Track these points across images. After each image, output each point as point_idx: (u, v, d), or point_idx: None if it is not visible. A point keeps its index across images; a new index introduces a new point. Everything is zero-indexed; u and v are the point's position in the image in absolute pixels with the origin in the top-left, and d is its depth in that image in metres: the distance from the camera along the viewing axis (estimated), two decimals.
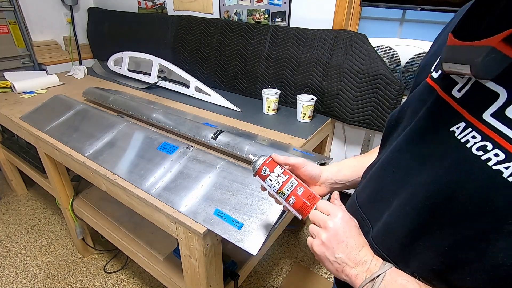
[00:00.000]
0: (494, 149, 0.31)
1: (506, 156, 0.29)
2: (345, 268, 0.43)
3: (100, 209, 1.41)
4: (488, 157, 0.31)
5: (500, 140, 0.30)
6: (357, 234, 0.45)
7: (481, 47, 0.30)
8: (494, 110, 0.31)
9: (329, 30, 1.40)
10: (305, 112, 1.39)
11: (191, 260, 0.89)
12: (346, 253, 0.43)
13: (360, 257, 0.43)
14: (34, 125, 1.34)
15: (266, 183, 0.55)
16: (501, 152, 0.30)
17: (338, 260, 0.43)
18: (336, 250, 0.44)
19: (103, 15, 2.37)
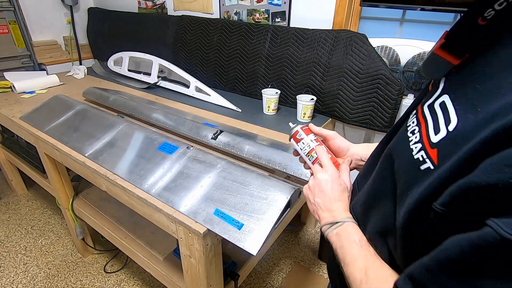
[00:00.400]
0: (417, 132, 0.37)
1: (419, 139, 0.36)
2: (318, 210, 0.55)
3: (100, 209, 1.41)
4: (411, 137, 0.38)
5: (423, 125, 0.37)
6: (338, 191, 0.55)
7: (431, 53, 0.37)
8: (430, 102, 0.38)
9: (329, 30, 1.40)
10: (305, 112, 1.39)
11: (191, 260, 0.89)
12: (323, 200, 0.54)
13: (332, 207, 0.53)
14: (34, 125, 1.34)
15: (299, 145, 0.65)
16: (418, 135, 0.36)
17: (315, 203, 0.56)
18: (316, 195, 0.56)
19: (103, 15, 2.38)
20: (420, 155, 0.35)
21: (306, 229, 1.92)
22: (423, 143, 0.35)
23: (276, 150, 0.99)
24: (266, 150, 1.00)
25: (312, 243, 1.81)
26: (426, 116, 0.37)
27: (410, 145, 0.37)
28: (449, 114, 0.33)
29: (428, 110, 0.37)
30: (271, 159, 0.97)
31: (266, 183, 0.86)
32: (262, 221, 0.78)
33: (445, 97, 0.35)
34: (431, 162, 0.33)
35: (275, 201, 0.81)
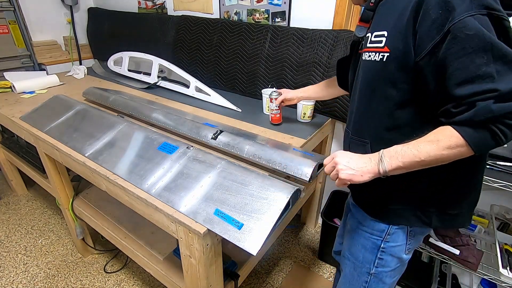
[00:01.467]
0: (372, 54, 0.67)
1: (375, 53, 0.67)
2: (364, 168, 0.64)
3: (100, 209, 1.41)
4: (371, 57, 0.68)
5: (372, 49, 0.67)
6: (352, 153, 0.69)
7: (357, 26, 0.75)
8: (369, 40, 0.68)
9: (329, 30, 1.40)
10: (305, 112, 1.39)
11: (191, 260, 0.89)
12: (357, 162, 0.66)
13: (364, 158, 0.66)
14: (34, 125, 1.34)
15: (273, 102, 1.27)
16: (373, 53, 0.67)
17: (357, 168, 0.65)
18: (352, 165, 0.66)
19: (103, 15, 2.38)
20: (381, 55, 0.64)
21: (306, 229, 1.92)
22: (378, 51, 0.65)
23: (276, 150, 0.99)
24: (266, 150, 1.00)
25: (312, 243, 1.81)
26: (370, 46, 0.67)
27: (371, 60, 0.67)
28: (380, 33, 0.65)
29: (370, 44, 0.67)
30: (271, 159, 0.97)
31: (266, 183, 0.86)
32: (262, 221, 0.78)
33: (374, 33, 0.67)
34: (386, 53, 0.63)
35: (275, 201, 0.81)
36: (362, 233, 0.82)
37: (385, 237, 0.78)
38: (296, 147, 1.14)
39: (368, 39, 0.68)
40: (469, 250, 1.16)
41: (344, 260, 0.92)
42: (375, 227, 0.79)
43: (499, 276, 1.07)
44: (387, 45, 0.62)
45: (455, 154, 0.56)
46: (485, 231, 1.28)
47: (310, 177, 0.90)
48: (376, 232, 0.79)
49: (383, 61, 0.63)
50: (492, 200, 1.31)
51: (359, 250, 0.84)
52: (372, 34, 0.67)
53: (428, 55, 0.56)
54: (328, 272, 1.63)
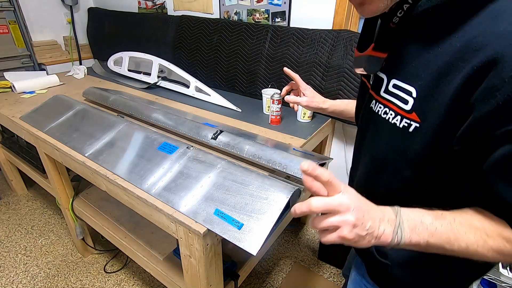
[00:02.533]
0: (389, 111, 0.49)
1: (395, 114, 0.48)
2: (374, 233, 0.42)
3: (100, 209, 1.41)
4: (388, 117, 0.50)
5: (391, 105, 0.49)
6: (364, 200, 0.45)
7: (364, 56, 0.52)
8: (384, 89, 0.50)
9: (329, 30, 1.40)
10: (305, 112, 1.39)
11: (191, 260, 0.89)
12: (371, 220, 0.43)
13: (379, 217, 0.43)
14: (34, 125, 1.34)
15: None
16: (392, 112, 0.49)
17: (369, 229, 0.42)
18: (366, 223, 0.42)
19: (103, 15, 2.38)
20: (404, 122, 0.47)
21: (306, 229, 1.92)
22: (400, 114, 0.47)
23: (276, 150, 0.99)
24: (266, 150, 1.00)
25: (312, 243, 1.81)
26: (387, 98, 0.50)
27: (390, 122, 0.49)
28: (406, 88, 0.46)
29: (386, 94, 0.50)
30: (271, 159, 0.97)
31: (266, 183, 0.86)
32: (262, 221, 0.78)
33: (394, 80, 0.48)
34: (415, 122, 0.45)
35: (275, 201, 0.81)
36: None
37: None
38: (296, 147, 1.14)
39: (382, 84, 0.50)
40: None
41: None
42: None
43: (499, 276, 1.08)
44: (417, 113, 0.44)
45: (494, 259, 0.42)
46: None
47: None
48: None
49: (408, 132, 0.46)
50: None
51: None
52: (390, 81, 0.49)
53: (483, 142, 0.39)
54: (328, 272, 1.63)
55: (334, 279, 1.58)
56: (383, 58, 0.50)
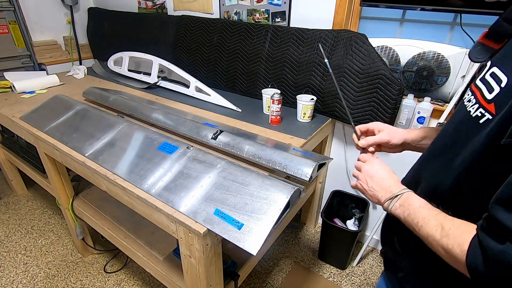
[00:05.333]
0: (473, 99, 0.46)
1: (475, 102, 0.45)
2: (375, 193, 0.59)
3: (100, 209, 1.41)
4: (468, 103, 0.47)
5: (477, 93, 0.46)
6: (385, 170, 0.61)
7: (477, 42, 0.49)
8: (481, 77, 0.46)
9: (329, 30, 1.40)
10: (305, 112, 1.39)
11: (191, 260, 0.89)
12: (376, 183, 0.60)
13: (385, 184, 0.58)
14: (34, 125, 1.34)
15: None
16: (474, 99, 0.46)
17: (370, 188, 0.60)
18: (368, 182, 0.61)
19: (103, 15, 2.37)
20: (479, 111, 0.44)
21: (306, 229, 1.92)
22: (479, 103, 0.44)
23: (276, 150, 0.99)
24: (266, 150, 1.00)
25: (312, 243, 1.81)
26: (479, 86, 0.46)
27: (467, 109, 0.47)
28: (499, 77, 0.42)
29: (480, 82, 0.46)
30: (271, 159, 0.97)
31: (266, 183, 0.86)
32: (262, 221, 0.78)
33: (494, 68, 0.44)
34: (489, 114, 0.42)
35: (275, 201, 0.81)
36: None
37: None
38: (296, 147, 1.14)
39: (484, 70, 0.47)
40: None
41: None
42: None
43: None
44: (496, 103, 0.41)
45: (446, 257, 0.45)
46: None
47: (310, 177, 0.90)
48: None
49: (478, 123, 0.43)
50: None
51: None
52: (491, 68, 0.45)
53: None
54: (328, 272, 1.63)
55: (334, 279, 1.58)
56: (493, 49, 0.46)
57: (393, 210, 0.54)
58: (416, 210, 0.50)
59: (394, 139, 0.70)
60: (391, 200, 0.55)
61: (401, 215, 0.52)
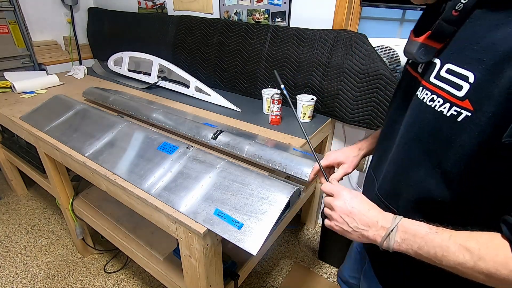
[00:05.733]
0: (437, 98, 0.45)
1: (443, 101, 0.44)
2: (363, 233, 0.51)
3: (100, 209, 1.41)
4: (434, 104, 0.46)
5: (440, 92, 0.45)
6: (361, 201, 0.53)
7: (416, 43, 0.48)
8: (436, 73, 0.46)
9: (329, 30, 1.40)
10: (305, 112, 1.39)
11: (191, 260, 0.89)
12: (357, 221, 0.51)
13: (369, 220, 0.50)
14: (34, 125, 1.34)
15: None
16: (440, 99, 0.45)
17: (354, 228, 0.52)
18: (349, 222, 0.52)
19: (103, 15, 2.37)
20: (453, 110, 0.43)
21: (306, 229, 1.92)
22: (450, 101, 0.43)
23: (276, 150, 0.99)
24: (266, 150, 1.00)
25: (312, 243, 1.81)
26: (437, 84, 0.46)
27: (436, 110, 0.45)
28: (461, 73, 0.42)
29: (436, 80, 0.46)
30: (271, 159, 0.97)
31: (266, 183, 0.86)
32: (262, 221, 0.78)
33: (449, 65, 0.45)
34: (467, 111, 0.41)
35: (275, 201, 0.81)
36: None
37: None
38: (296, 147, 1.14)
39: (434, 68, 0.47)
40: None
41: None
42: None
43: None
44: (470, 99, 0.41)
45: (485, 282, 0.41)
46: None
47: None
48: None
49: (456, 121, 0.42)
50: None
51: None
52: (444, 66, 0.46)
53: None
54: (328, 272, 1.63)
55: (334, 279, 1.58)
56: (436, 49, 0.47)
57: (397, 248, 0.47)
58: (426, 239, 0.44)
59: (353, 163, 0.75)
60: (388, 237, 0.48)
61: (410, 250, 0.46)
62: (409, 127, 0.51)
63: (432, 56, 0.48)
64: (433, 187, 0.47)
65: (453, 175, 0.45)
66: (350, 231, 0.52)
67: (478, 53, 0.41)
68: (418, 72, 0.53)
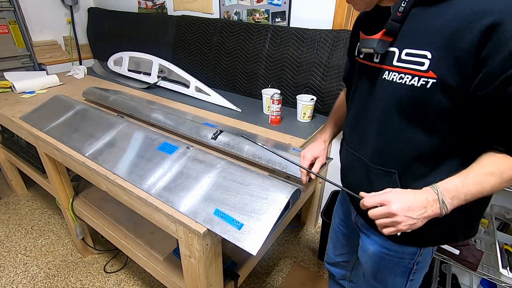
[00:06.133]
0: (405, 76, 0.59)
1: (412, 77, 0.58)
2: (424, 215, 0.56)
3: (100, 209, 1.41)
4: (404, 81, 0.59)
5: (406, 71, 0.58)
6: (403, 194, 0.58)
7: (374, 39, 0.61)
8: (397, 58, 0.60)
9: (329, 30, 1.40)
10: (305, 112, 1.39)
11: (191, 260, 0.89)
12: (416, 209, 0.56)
13: (421, 202, 0.56)
14: (34, 125, 1.34)
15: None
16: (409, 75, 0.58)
17: (417, 217, 0.56)
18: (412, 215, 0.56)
19: (103, 15, 2.38)
20: (422, 81, 0.56)
21: (306, 229, 1.92)
22: (418, 75, 0.57)
23: (276, 150, 0.99)
24: (266, 150, 1.00)
25: (312, 243, 1.81)
26: (402, 66, 0.59)
27: (407, 84, 0.58)
28: (420, 53, 0.56)
29: (399, 62, 0.60)
30: (271, 159, 0.97)
31: (266, 183, 0.86)
32: (262, 221, 0.78)
33: (406, 50, 0.58)
34: (432, 79, 0.55)
35: (275, 201, 0.81)
36: (390, 258, 0.76)
37: (416, 259, 0.75)
38: (296, 147, 1.14)
39: (394, 56, 0.60)
40: (469, 250, 1.16)
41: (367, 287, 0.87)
42: (406, 252, 0.74)
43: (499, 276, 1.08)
44: (433, 70, 0.54)
45: (507, 186, 0.56)
46: (485, 231, 1.28)
47: (310, 177, 0.90)
48: (407, 255, 0.74)
49: (426, 88, 0.56)
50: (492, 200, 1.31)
51: (387, 276, 0.79)
52: (402, 51, 0.59)
53: (495, 88, 0.50)
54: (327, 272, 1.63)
55: None
56: (389, 42, 0.61)
57: (451, 207, 0.56)
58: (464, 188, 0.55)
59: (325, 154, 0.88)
60: (444, 204, 0.55)
61: (461, 201, 0.56)
62: (386, 104, 0.63)
63: (387, 47, 0.61)
64: (421, 139, 0.61)
65: (436, 127, 0.59)
66: (415, 221, 0.56)
67: (429, 36, 0.55)
68: (375, 62, 0.65)
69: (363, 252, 0.84)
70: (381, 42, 0.61)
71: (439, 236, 0.70)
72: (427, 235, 0.69)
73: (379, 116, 0.65)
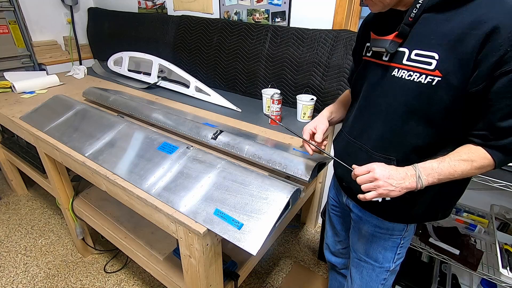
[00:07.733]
0: (414, 74, 0.65)
1: (419, 74, 0.65)
2: (402, 185, 0.66)
3: (100, 209, 1.41)
4: (412, 78, 0.66)
5: (415, 69, 0.65)
6: (385, 166, 0.68)
7: (387, 40, 0.68)
8: (407, 57, 0.67)
9: (329, 30, 1.40)
10: (305, 112, 1.39)
11: (191, 260, 0.89)
12: (396, 179, 0.66)
13: (401, 174, 0.66)
14: (34, 125, 1.34)
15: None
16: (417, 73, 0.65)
17: (396, 185, 0.66)
18: (391, 182, 0.66)
19: (103, 15, 2.38)
20: (429, 78, 0.63)
21: (306, 229, 1.92)
22: (425, 73, 0.64)
23: (276, 150, 0.99)
24: (266, 150, 1.00)
25: (312, 243, 1.81)
26: (411, 64, 0.66)
27: (415, 81, 0.65)
28: (428, 54, 0.63)
29: (409, 61, 0.66)
30: (271, 159, 0.97)
31: (266, 183, 0.86)
32: (262, 221, 0.78)
33: (416, 50, 0.65)
34: (438, 77, 0.62)
35: (275, 201, 0.81)
36: (382, 235, 0.86)
37: (403, 234, 0.84)
38: (296, 147, 1.14)
39: (404, 55, 0.67)
40: (469, 250, 1.16)
41: (358, 263, 0.94)
42: (395, 228, 0.83)
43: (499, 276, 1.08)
44: (439, 69, 0.61)
45: (481, 172, 0.66)
46: (485, 231, 1.28)
47: (310, 177, 0.90)
48: (397, 232, 0.84)
49: (432, 85, 0.63)
50: (492, 200, 1.31)
51: (378, 252, 0.88)
52: (412, 52, 0.66)
53: (484, 86, 0.59)
54: (327, 272, 1.63)
55: None
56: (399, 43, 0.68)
57: (426, 183, 0.65)
58: (439, 168, 0.65)
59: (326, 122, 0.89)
60: (420, 179, 0.65)
61: (435, 180, 0.65)
62: (393, 98, 0.70)
63: (397, 47, 0.68)
64: (420, 131, 0.68)
65: (435, 120, 0.66)
66: (394, 188, 0.65)
67: (437, 40, 0.62)
68: (384, 60, 0.72)
69: (355, 232, 0.93)
70: (393, 42, 0.68)
71: (424, 215, 0.79)
72: (414, 213, 0.79)
73: (385, 109, 0.72)
